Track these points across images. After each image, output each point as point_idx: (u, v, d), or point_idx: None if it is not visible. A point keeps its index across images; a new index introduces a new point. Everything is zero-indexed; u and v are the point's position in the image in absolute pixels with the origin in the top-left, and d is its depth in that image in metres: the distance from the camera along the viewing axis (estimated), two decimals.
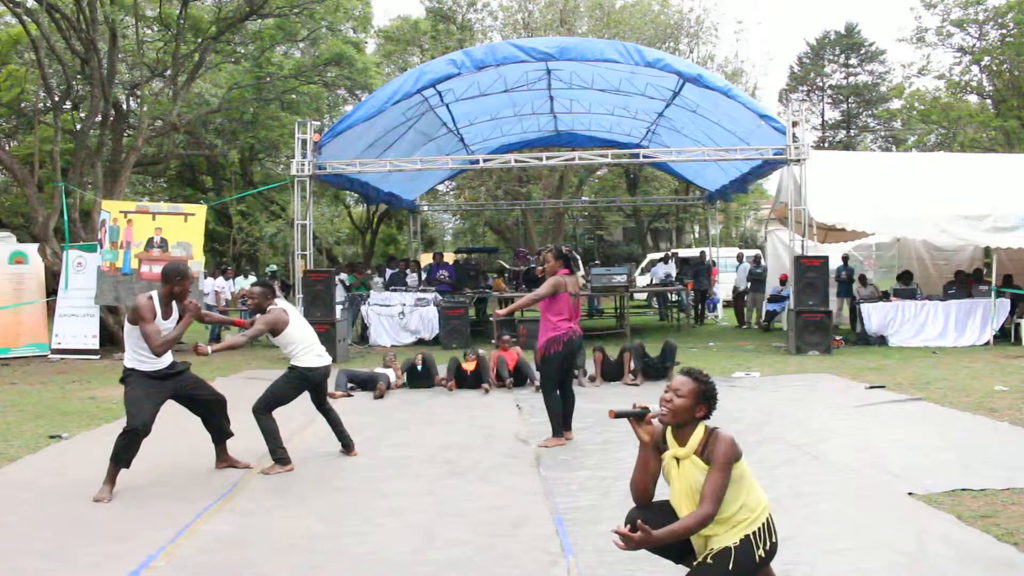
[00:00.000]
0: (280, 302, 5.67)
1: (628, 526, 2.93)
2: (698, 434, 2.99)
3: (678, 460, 2.99)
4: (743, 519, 2.91)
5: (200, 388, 5.42)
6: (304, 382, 5.62)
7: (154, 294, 5.00)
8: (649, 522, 3.04)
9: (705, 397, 3.00)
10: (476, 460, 5.66)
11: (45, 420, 7.31)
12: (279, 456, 5.46)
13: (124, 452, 4.87)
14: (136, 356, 5.00)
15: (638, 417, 3.05)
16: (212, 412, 5.45)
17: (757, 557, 2.90)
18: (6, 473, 5.48)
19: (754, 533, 2.90)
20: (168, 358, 5.13)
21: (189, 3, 17.26)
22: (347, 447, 5.87)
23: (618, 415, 3.06)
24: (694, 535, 2.94)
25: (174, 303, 5.07)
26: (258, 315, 5.61)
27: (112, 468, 4.85)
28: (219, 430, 5.50)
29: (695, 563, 2.93)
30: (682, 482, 2.97)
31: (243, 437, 6.51)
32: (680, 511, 2.98)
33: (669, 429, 3.05)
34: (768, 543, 2.93)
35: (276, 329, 5.55)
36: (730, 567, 2.84)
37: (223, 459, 5.51)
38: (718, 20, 48.43)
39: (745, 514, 2.91)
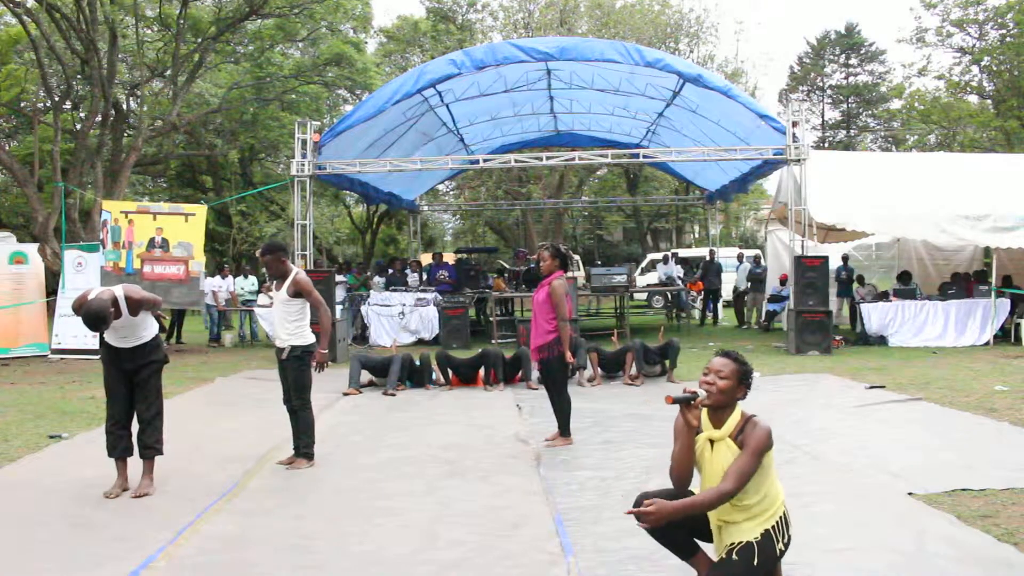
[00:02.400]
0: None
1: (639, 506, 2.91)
2: (735, 417, 2.98)
3: (712, 442, 2.98)
4: (763, 510, 2.91)
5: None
6: (311, 357, 5.61)
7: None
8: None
9: (744, 378, 3.01)
10: (476, 460, 5.65)
11: (45, 420, 7.31)
12: (310, 452, 5.54)
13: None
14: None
15: (687, 402, 3.02)
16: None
17: (778, 551, 2.92)
18: (6, 473, 5.47)
19: (774, 527, 2.91)
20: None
21: (189, 3, 17.27)
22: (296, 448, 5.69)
23: (675, 401, 2.99)
24: (714, 526, 2.94)
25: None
26: (287, 283, 5.44)
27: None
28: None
29: (717, 559, 2.91)
30: (714, 465, 2.95)
31: (246, 436, 6.53)
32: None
33: (705, 411, 3.03)
34: (786, 536, 2.95)
35: (309, 290, 5.44)
36: (755, 563, 2.84)
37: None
38: (718, 20, 48.63)
39: (766, 505, 2.92)
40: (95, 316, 4.58)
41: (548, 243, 6.33)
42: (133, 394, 4.97)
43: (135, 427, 5.02)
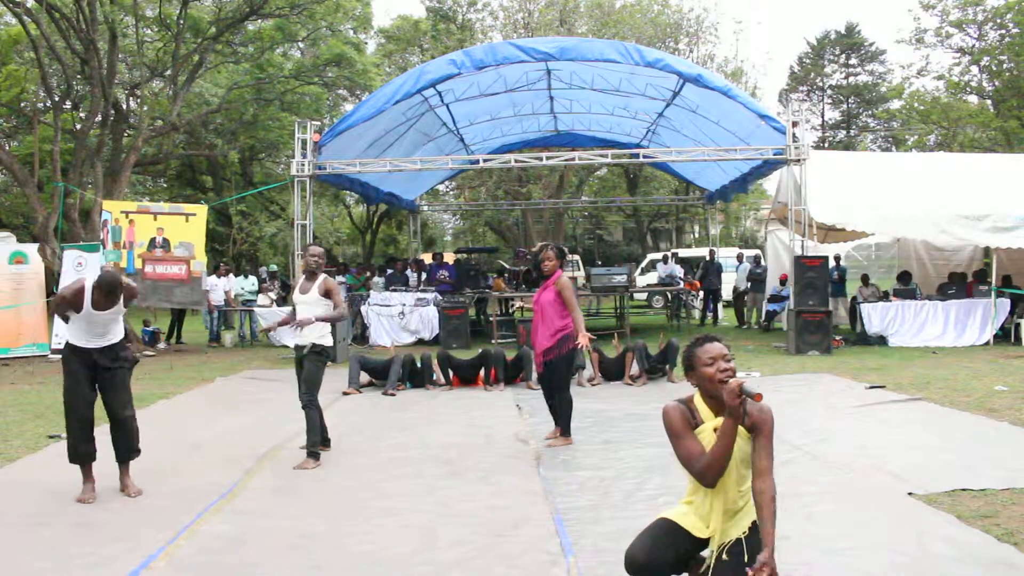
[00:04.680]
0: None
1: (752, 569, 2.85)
2: None
3: (716, 430, 2.93)
4: (748, 501, 2.91)
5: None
6: (328, 359, 5.82)
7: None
8: (663, 552, 2.91)
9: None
10: (476, 460, 5.66)
11: (45, 420, 7.31)
12: (316, 452, 5.60)
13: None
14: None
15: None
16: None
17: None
18: (6, 473, 5.47)
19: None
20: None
21: (189, 3, 17.26)
22: (324, 442, 5.95)
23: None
24: (709, 532, 2.92)
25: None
26: (318, 281, 5.71)
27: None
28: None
29: (710, 564, 2.88)
30: None
31: (246, 436, 6.53)
32: (723, 482, 2.90)
33: (702, 401, 2.99)
34: None
35: (336, 290, 5.72)
36: (746, 559, 2.84)
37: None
38: (718, 20, 48.61)
39: (749, 496, 2.91)
40: (110, 283, 4.69)
41: (550, 243, 6.40)
42: (97, 398, 4.87)
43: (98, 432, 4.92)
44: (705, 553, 3.00)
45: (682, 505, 3.03)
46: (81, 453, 4.82)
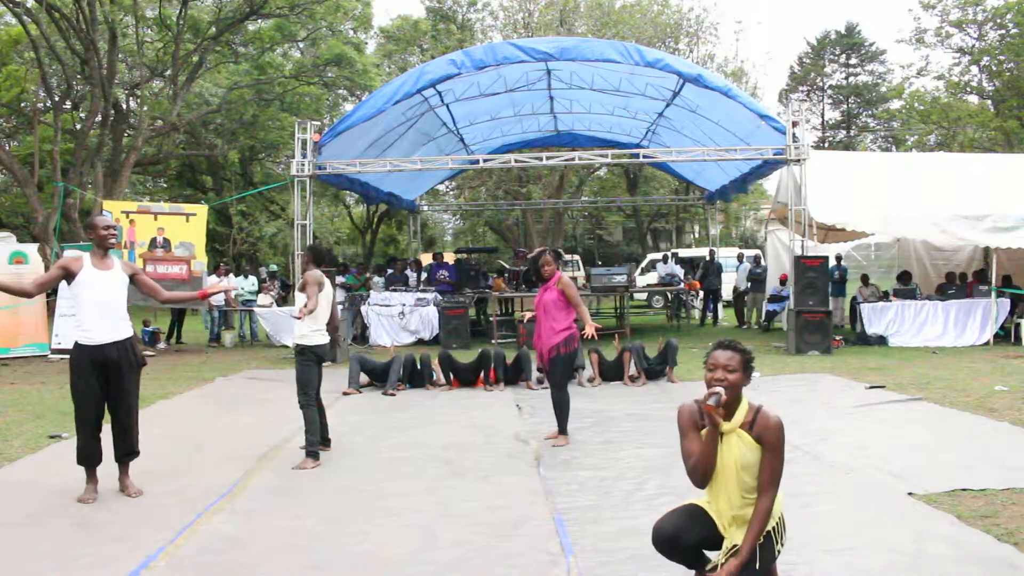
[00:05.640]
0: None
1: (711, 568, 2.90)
2: (743, 408, 2.94)
3: (722, 435, 2.95)
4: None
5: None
6: (318, 358, 5.80)
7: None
8: (689, 529, 2.96)
9: (748, 366, 2.98)
10: (476, 460, 5.66)
11: (45, 420, 7.31)
12: (313, 451, 5.59)
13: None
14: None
15: (718, 405, 2.95)
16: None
17: (777, 552, 2.92)
18: (6, 473, 5.48)
19: (774, 528, 2.91)
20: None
21: (189, 3, 17.27)
22: (324, 442, 5.96)
23: (715, 406, 2.89)
24: (724, 523, 2.93)
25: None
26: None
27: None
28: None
29: (720, 565, 2.90)
30: (727, 457, 2.92)
31: (246, 436, 6.53)
32: (726, 487, 2.93)
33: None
34: (784, 537, 2.96)
35: (313, 289, 5.75)
36: (757, 566, 2.84)
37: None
38: (718, 20, 48.61)
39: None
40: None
41: (547, 248, 6.52)
42: (105, 399, 4.83)
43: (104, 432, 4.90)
44: (714, 556, 3.01)
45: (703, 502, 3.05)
46: (90, 455, 4.81)
